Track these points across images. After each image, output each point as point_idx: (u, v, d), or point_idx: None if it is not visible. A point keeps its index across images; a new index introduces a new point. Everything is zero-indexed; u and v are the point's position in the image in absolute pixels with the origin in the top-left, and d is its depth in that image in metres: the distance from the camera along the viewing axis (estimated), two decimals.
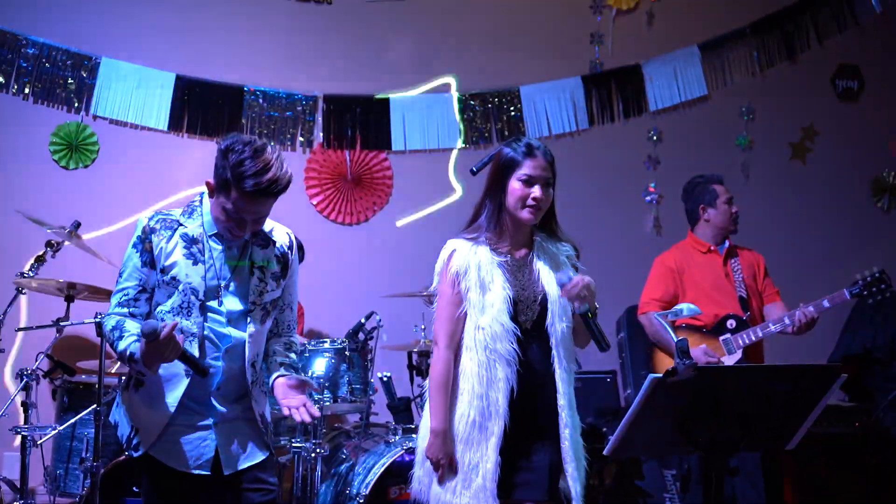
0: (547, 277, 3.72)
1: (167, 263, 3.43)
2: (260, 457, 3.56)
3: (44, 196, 6.56)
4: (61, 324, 5.48)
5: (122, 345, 3.34)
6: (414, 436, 5.20)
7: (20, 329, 5.55)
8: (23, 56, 6.65)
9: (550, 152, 3.86)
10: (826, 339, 7.08)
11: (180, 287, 3.42)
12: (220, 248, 3.50)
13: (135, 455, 3.47)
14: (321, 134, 7.12)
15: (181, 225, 3.48)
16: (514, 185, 3.72)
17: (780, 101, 7.75)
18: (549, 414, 3.66)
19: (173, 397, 3.42)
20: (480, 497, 3.59)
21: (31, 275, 5.55)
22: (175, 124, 6.86)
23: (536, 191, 3.70)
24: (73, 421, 5.37)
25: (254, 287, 3.53)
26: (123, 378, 3.60)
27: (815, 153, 7.82)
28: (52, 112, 6.72)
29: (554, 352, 3.68)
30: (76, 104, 6.74)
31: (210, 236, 3.50)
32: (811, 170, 7.81)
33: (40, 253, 5.63)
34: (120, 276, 3.47)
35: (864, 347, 7.29)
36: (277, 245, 3.63)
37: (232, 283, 3.51)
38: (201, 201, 3.54)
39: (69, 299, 5.60)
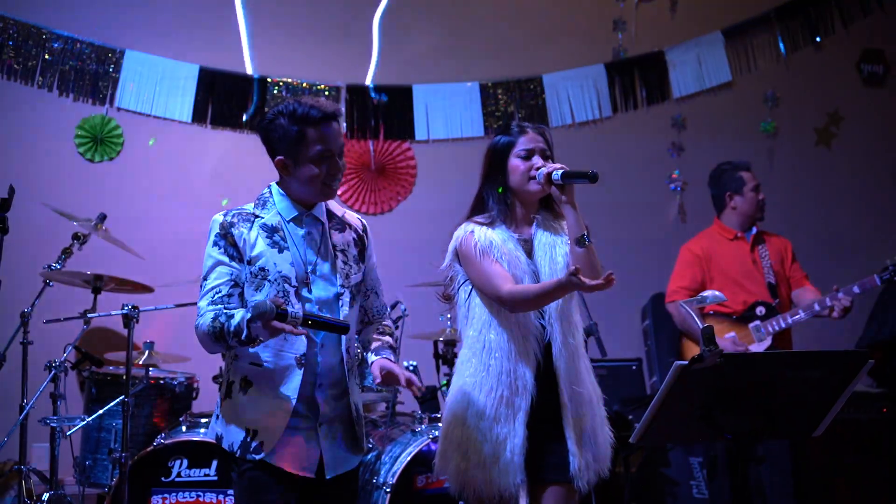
0: (542, 258, 3.72)
1: (253, 254, 3.34)
2: (355, 461, 3.52)
3: (69, 189, 6.59)
4: (89, 315, 5.51)
5: (233, 323, 3.20)
6: (440, 425, 5.22)
7: (48, 321, 5.58)
8: (47, 49, 6.68)
9: (538, 126, 3.85)
10: (854, 325, 7.05)
11: (270, 277, 3.34)
12: (301, 232, 3.45)
13: (256, 458, 3.31)
14: (345, 124, 7.13)
15: (257, 216, 3.40)
16: (514, 163, 3.76)
17: (805, 87, 7.73)
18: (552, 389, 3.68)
19: (290, 389, 3.34)
20: (509, 471, 3.61)
21: (58, 267, 5.58)
22: (199, 116, 6.88)
23: (538, 161, 3.72)
24: (101, 412, 5.40)
25: (340, 269, 3.48)
26: (222, 388, 3.45)
27: (841, 139, 7.79)
28: (77, 105, 6.75)
29: (547, 327, 3.67)
30: (101, 96, 6.77)
31: (288, 222, 3.44)
32: (837, 155, 7.79)
33: (67, 245, 5.66)
34: (205, 279, 3.35)
35: (893, 333, 7.27)
36: (353, 227, 3.62)
37: (319, 268, 3.45)
38: (271, 193, 3.48)
39: (96, 291, 5.62)
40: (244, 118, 6.88)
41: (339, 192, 6.96)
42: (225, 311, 3.27)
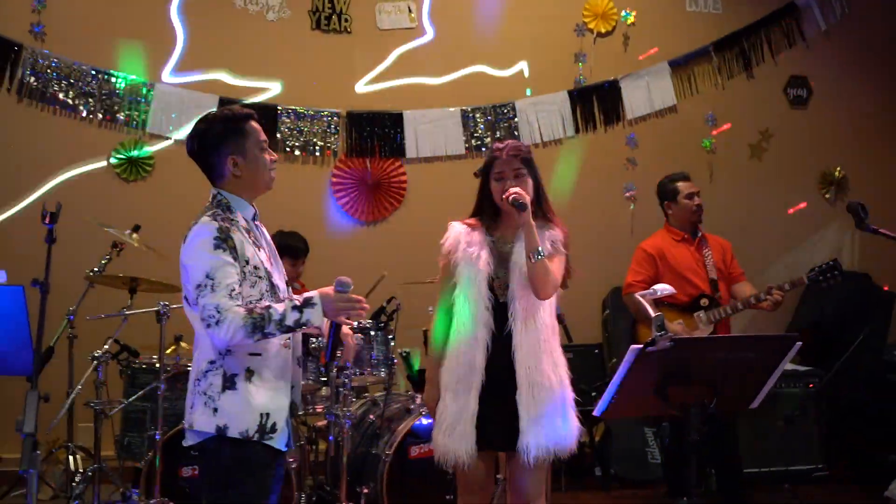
0: (518, 259, 3.73)
1: (248, 255, 3.16)
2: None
3: (108, 204, 6.58)
4: (126, 313, 5.50)
5: (278, 310, 3.07)
6: None
7: (91, 318, 5.56)
8: (87, 84, 6.66)
9: (517, 146, 3.82)
10: (780, 314, 7.08)
11: (262, 273, 3.20)
12: (260, 228, 3.36)
13: (273, 436, 3.16)
14: (344, 145, 7.13)
15: (233, 220, 3.21)
16: (494, 185, 3.79)
17: (740, 109, 7.75)
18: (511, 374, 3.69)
19: (285, 372, 3.26)
20: (463, 441, 3.67)
21: (100, 271, 5.57)
22: None
23: (507, 184, 3.72)
24: (137, 396, 5.39)
25: (281, 263, 3.45)
26: (213, 385, 3.15)
27: (771, 153, 7.82)
28: (113, 133, 6.73)
29: (510, 319, 3.70)
30: (135, 123, 6.75)
31: (251, 221, 3.32)
32: (768, 167, 7.81)
33: (107, 253, 5.65)
34: (212, 279, 3.08)
35: (814, 321, 7.31)
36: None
37: (274, 260, 3.37)
38: (224, 197, 3.28)
39: (132, 291, 5.62)
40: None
41: (341, 203, 7.04)
42: (253, 304, 3.10)
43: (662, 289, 3.52)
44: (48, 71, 6.58)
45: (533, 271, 3.63)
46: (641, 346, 3.08)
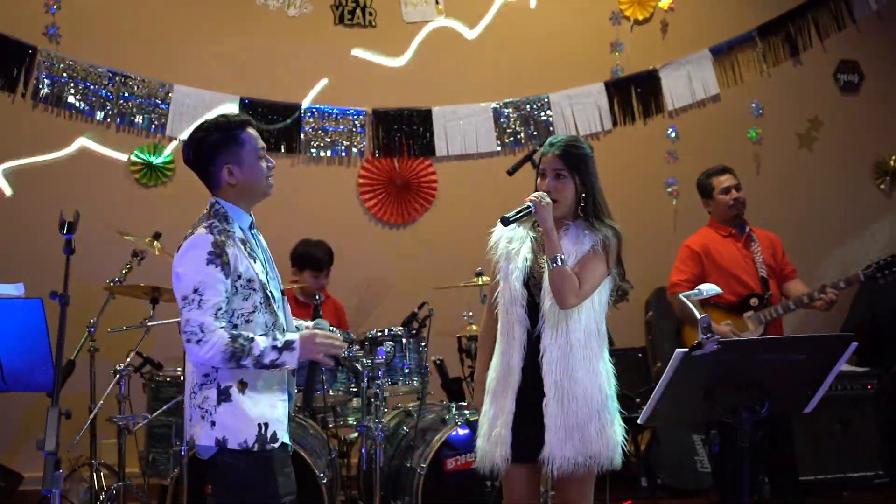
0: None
1: (242, 269, 3.24)
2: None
3: (128, 211, 6.63)
4: (148, 324, 5.54)
5: (258, 347, 3.18)
6: (466, 412, 5.22)
7: (112, 330, 5.61)
8: (104, 87, 6.73)
9: (563, 145, 3.81)
10: (836, 310, 7.03)
11: (256, 286, 3.28)
12: (257, 238, 3.44)
13: (275, 446, 3.28)
14: (371, 144, 7.15)
15: (229, 231, 3.30)
16: (539, 181, 3.82)
17: (787, 96, 7.70)
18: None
19: (280, 381, 3.35)
20: (499, 445, 3.67)
21: (120, 281, 5.61)
22: None
23: (547, 183, 3.76)
24: (161, 410, 5.42)
25: (277, 271, 3.52)
26: (208, 398, 3.27)
27: (821, 142, 7.76)
28: (132, 137, 6.79)
29: (540, 319, 3.68)
30: (153, 127, 6.80)
31: (249, 230, 3.40)
32: (818, 157, 7.75)
33: (127, 261, 5.69)
34: (201, 294, 3.19)
35: (870, 319, 7.25)
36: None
37: (270, 270, 3.44)
38: (221, 205, 3.38)
39: (154, 301, 5.66)
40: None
41: (368, 206, 7.06)
42: (237, 332, 3.20)
43: (709, 289, 3.50)
44: (63, 74, 6.64)
45: (552, 276, 3.63)
46: (687, 349, 3.06)
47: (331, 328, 3.40)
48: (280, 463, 3.35)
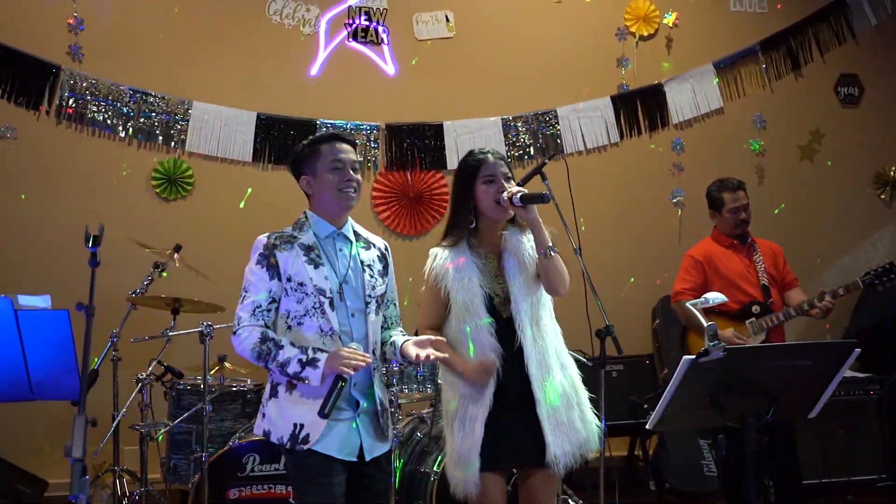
0: (511, 270, 3.72)
1: (293, 272, 3.43)
2: (386, 446, 3.57)
3: (149, 223, 6.65)
4: (169, 334, 5.56)
5: (283, 355, 3.35)
6: None
7: (134, 340, 5.63)
8: (126, 104, 6.76)
9: (499, 154, 3.83)
10: (840, 317, 7.01)
11: (307, 290, 3.42)
12: (335, 249, 3.55)
13: (304, 448, 3.38)
14: (384, 158, 7.16)
15: (295, 238, 3.50)
16: (482, 188, 3.75)
17: (789, 109, 7.70)
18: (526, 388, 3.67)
19: (327, 389, 3.38)
20: (470, 470, 3.64)
21: (142, 292, 5.63)
22: (258, 156, 6.95)
23: (500, 185, 3.72)
24: (183, 417, 5.43)
25: (367, 282, 3.55)
26: (266, 392, 3.53)
27: (822, 154, 7.76)
28: (152, 152, 6.82)
29: (519, 333, 3.66)
30: (173, 143, 6.83)
31: (324, 240, 3.54)
32: (819, 169, 7.75)
33: (148, 273, 5.71)
34: (246, 291, 3.45)
35: (873, 325, 7.23)
36: (376, 247, 3.71)
37: (350, 281, 3.52)
38: (306, 217, 3.59)
39: (175, 312, 5.68)
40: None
41: (382, 217, 7.07)
42: (272, 335, 3.39)
43: (715, 297, 3.51)
44: (86, 92, 6.68)
45: (548, 267, 3.64)
46: (694, 357, 3.07)
47: (355, 344, 3.44)
48: (316, 471, 3.40)
